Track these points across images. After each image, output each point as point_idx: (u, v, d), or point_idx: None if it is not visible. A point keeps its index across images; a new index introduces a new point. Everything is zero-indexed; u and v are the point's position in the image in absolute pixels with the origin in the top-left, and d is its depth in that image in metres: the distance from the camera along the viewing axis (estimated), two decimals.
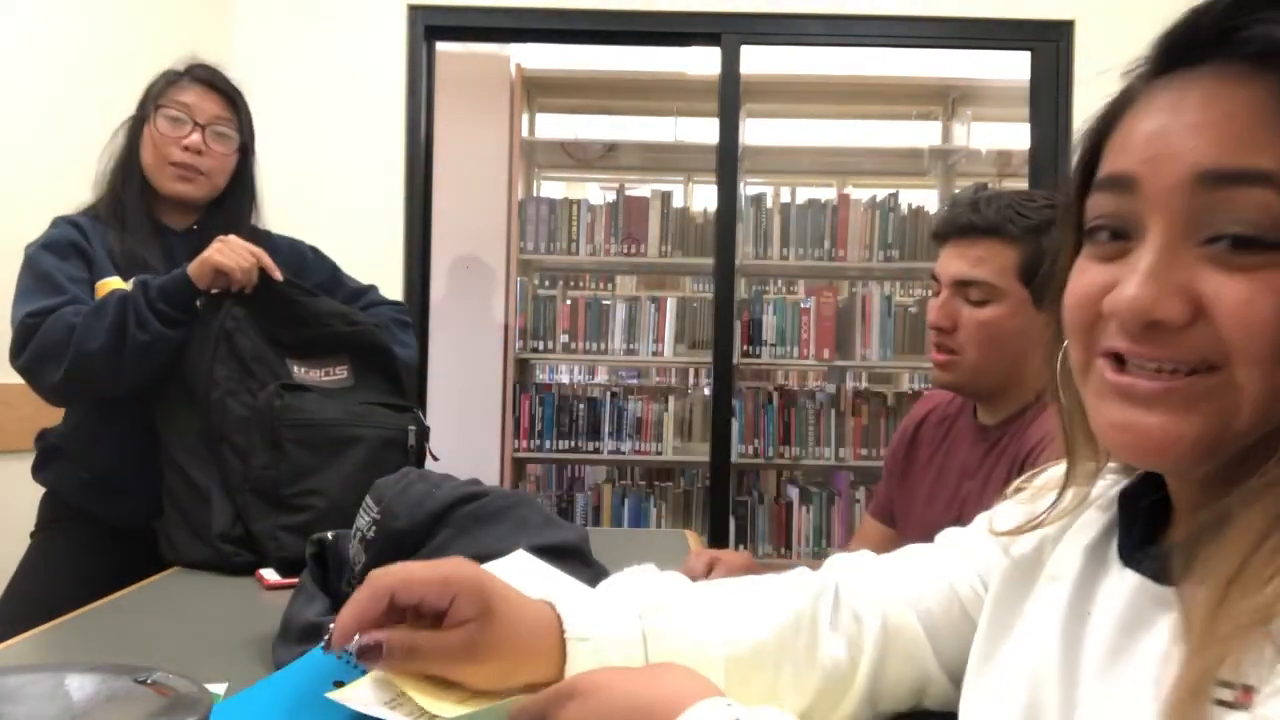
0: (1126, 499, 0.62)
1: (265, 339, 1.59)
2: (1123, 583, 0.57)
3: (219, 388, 1.53)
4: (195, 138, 1.67)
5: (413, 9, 3.16)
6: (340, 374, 1.64)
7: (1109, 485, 0.66)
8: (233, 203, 1.75)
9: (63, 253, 1.61)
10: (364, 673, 0.66)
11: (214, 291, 1.58)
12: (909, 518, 1.57)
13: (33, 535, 1.70)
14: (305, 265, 1.83)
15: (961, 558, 0.80)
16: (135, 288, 1.56)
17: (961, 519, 1.45)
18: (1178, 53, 0.53)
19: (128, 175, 1.69)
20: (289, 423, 1.53)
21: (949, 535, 0.84)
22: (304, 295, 1.66)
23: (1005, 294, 1.36)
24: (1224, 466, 0.52)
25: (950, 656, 0.77)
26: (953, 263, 1.39)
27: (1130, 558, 0.58)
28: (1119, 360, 0.53)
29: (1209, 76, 0.52)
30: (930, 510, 1.52)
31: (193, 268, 1.55)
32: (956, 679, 0.73)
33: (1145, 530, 0.59)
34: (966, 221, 1.38)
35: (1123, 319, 0.52)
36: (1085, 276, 0.56)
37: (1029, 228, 1.34)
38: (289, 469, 1.52)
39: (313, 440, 1.54)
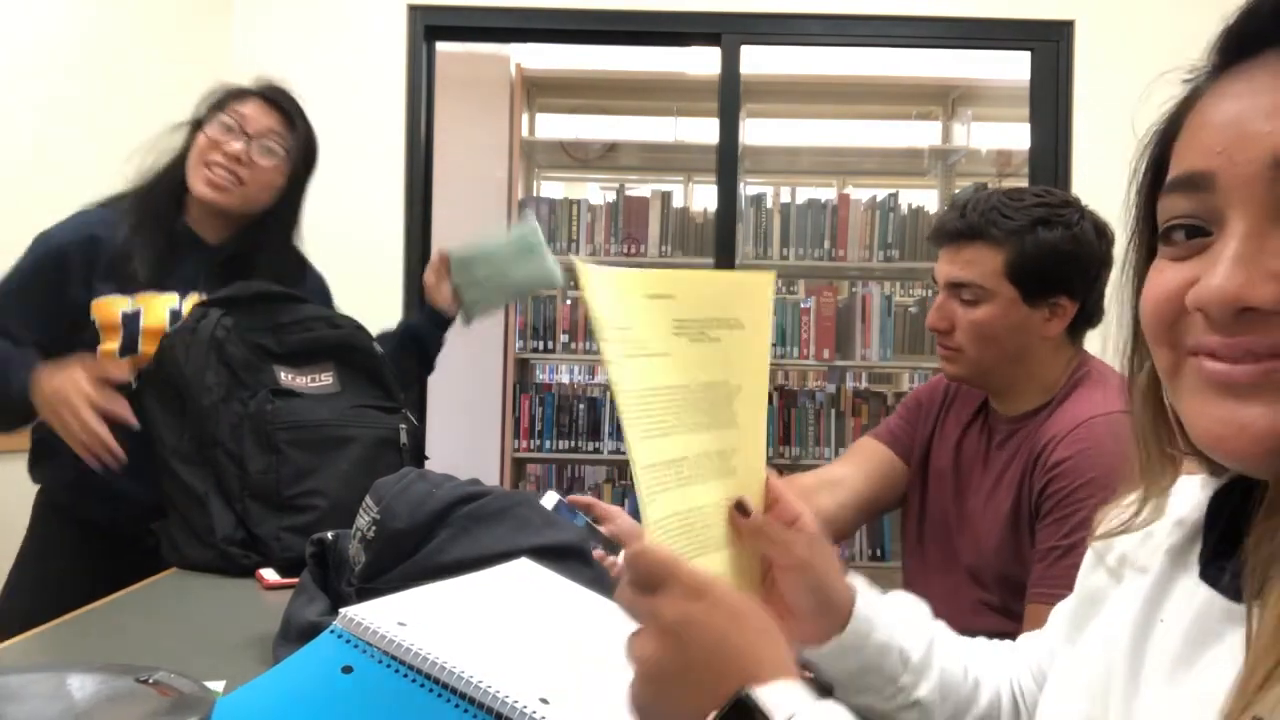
0: (1214, 506, 0.60)
1: (251, 347, 1.60)
2: (1196, 594, 0.57)
3: (210, 394, 1.54)
4: (239, 145, 1.63)
5: (413, 9, 3.16)
6: (326, 380, 1.65)
7: (1203, 487, 0.63)
8: (273, 223, 1.71)
9: (41, 270, 1.60)
10: (373, 657, 0.67)
11: (203, 299, 1.62)
12: (923, 475, 1.58)
13: (27, 535, 1.70)
14: (329, 305, 1.87)
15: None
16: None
17: (967, 505, 1.46)
18: (1237, 45, 0.53)
19: (164, 176, 1.67)
20: (282, 425, 1.54)
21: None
22: (290, 300, 1.67)
23: (995, 294, 1.39)
24: None
25: None
26: (944, 266, 1.45)
27: (1206, 569, 0.57)
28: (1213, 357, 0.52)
29: (1276, 60, 0.51)
30: (941, 488, 1.52)
31: (37, 397, 1.48)
32: None
33: (1224, 541, 0.57)
34: (953, 228, 1.43)
35: (1211, 308, 0.50)
36: (1164, 276, 0.54)
37: (1012, 229, 1.38)
38: (289, 471, 1.53)
39: (308, 441, 1.56)
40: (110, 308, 1.61)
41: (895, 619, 0.83)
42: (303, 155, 1.71)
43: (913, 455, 1.61)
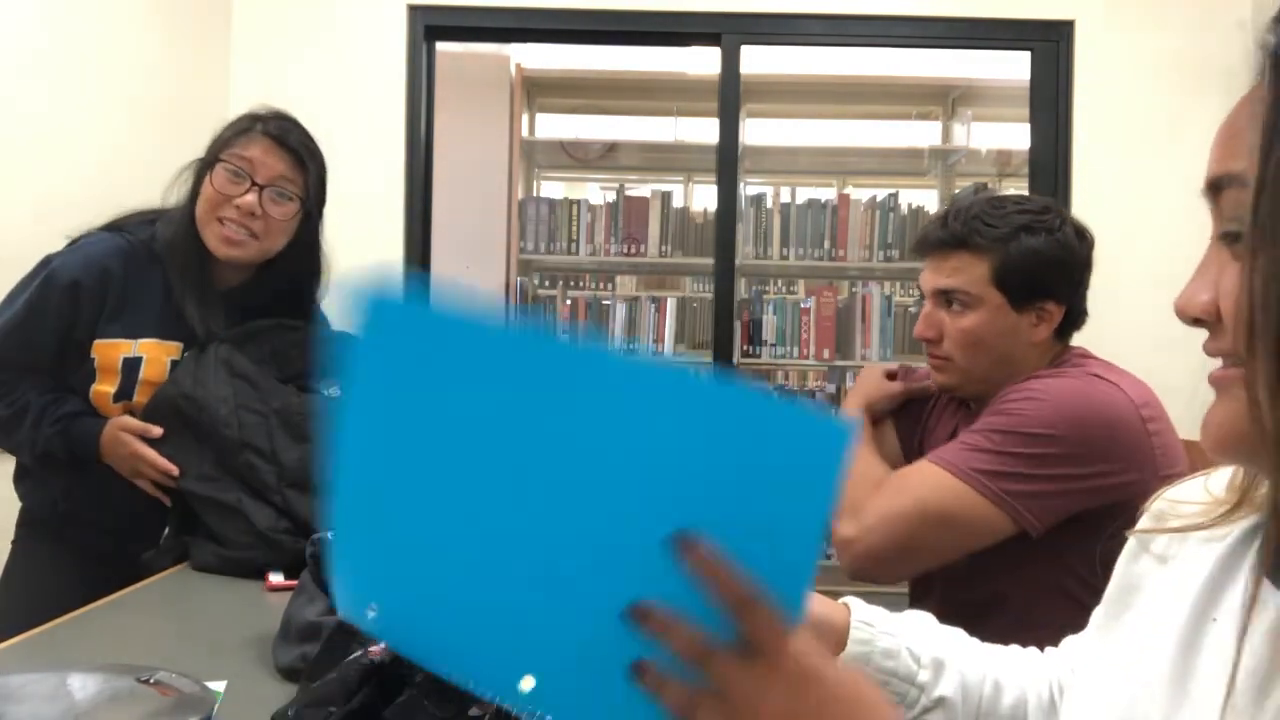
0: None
1: (258, 368, 1.61)
2: (1268, 602, 0.54)
3: (227, 404, 1.53)
4: (250, 199, 1.56)
5: (413, 9, 3.16)
6: (336, 394, 1.65)
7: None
8: (285, 265, 1.66)
9: (58, 308, 1.55)
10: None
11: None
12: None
13: (11, 549, 1.69)
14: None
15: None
16: (57, 423, 1.57)
17: None
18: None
19: (186, 225, 1.60)
20: (314, 414, 1.55)
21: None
22: (281, 329, 1.68)
23: (982, 300, 1.41)
24: None
25: None
26: (930, 276, 1.46)
27: (1275, 574, 0.55)
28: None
29: (1257, 88, 0.53)
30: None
31: (110, 453, 1.56)
32: None
33: None
34: (937, 237, 1.44)
35: (1180, 319, 0.56)
36: None
37: (996, 236, 1.39)
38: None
39: None
40: (112, 351, 1.59)
41: (897, 624, 0.82)
42: (316, 196, 1.66)
43: (909, 440, 1.61)
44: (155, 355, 1.61)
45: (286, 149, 1.60)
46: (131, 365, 1.60)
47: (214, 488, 1.53)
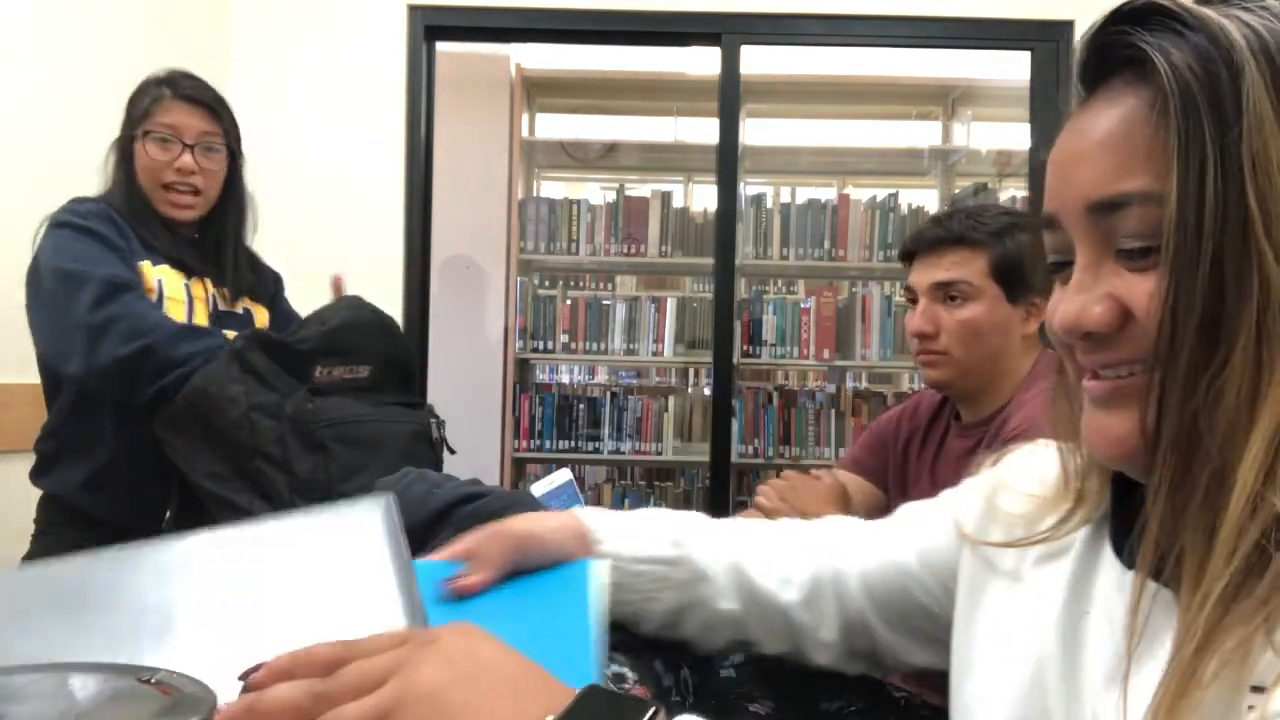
0: (1119, 490, 0.62)
1: (277, 351, 1.57)
2: (1123, 582, 0.58)
3: (239, 406, 1.50)
4: (187, 159, 1.68)
5: (413, 9, 3.16)
6: (361, 373, 1.64)
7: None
8: (224, 211, 1.78)
9: (102, 229, 1.61)
10: None
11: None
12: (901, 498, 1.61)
13: (33, 543, 1.69)
14: (280, 294, 1.93)
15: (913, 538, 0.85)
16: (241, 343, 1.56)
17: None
18: (1085, 76, 0.59)
19: (130, 194, 1.69)
20: (325, 422, 1.53)
21: (909, 509, 0.89)
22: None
23: (982, 292, 1.46)
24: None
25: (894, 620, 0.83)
26: (927, 272, 1.50)
27: (1120, 548, 0.59)
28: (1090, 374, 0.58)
29: (1101, 98, 0.57)
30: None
31: None
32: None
33: (1128, 519, 0.59)
34: (934, 235, 1.50)
35: (1060, 336, 0.58)
36: (1052, 303, 0.60)
37: (991, 232, 1.46)
38: (338, 468, 1.51)
39: (352, 436, 1.54)
40: (150, 273, 1.64)
41: (631, 520, 0.87)
42: (235, 137, 1.76)
43: (887, 482, 1.64)
44: (171, 278, 1.67)
45: (202, 105, 1.71)
46: (160, 287, 1.66)
47: (226, 488, 1.51)
